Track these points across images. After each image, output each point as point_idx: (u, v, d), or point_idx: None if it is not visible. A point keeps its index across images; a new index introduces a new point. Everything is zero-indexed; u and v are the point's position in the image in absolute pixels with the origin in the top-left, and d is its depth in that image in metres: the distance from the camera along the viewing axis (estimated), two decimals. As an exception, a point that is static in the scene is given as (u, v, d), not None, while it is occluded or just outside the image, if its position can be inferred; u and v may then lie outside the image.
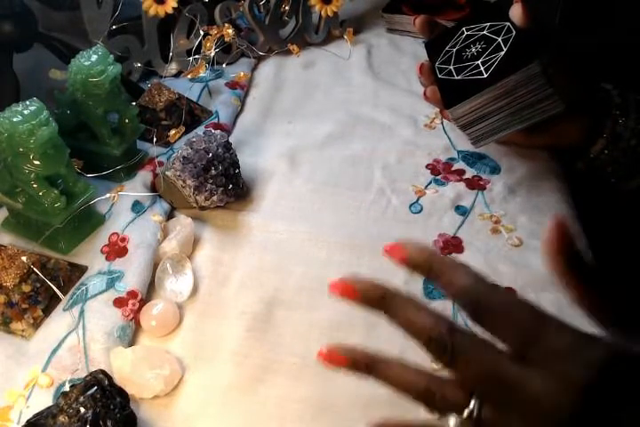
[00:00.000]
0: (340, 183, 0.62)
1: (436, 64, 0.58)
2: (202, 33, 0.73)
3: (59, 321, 0.48)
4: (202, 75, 0.73)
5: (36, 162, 0.48)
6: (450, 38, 0.59)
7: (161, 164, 0.61)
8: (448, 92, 0.55)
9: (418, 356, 0.47)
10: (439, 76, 0.56)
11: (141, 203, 0.57)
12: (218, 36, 0.73)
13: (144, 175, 0.60)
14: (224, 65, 0.76)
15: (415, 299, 0.33)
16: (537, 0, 0.56)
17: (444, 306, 0.50)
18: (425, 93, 0.59)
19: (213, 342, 0.48)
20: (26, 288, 0.48)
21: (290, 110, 0.72)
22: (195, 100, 0.70)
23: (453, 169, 0.63)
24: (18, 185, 0.51)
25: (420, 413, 0.43)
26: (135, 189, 0.58)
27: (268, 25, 0.78)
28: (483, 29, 0.56)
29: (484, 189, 0.60)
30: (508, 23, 0.54)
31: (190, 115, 0.67)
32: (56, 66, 0.64)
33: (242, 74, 0.75)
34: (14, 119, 0.46)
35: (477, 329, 0.32)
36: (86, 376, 0.41)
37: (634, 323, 0.31)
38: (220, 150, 0.56)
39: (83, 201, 0.52)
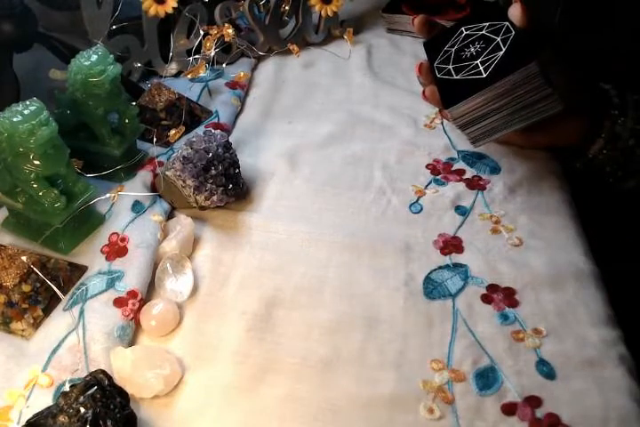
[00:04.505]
0: (340, 183, 0.62)
1: (435, 64, 0.58)
2: (202, 33, 0.73)
3: (59, 321, 0.48)
4: (202, 75, 0.73)
5: (36, 162, 0.48)
6: (449, 38, 0.59)
7: (161, 164, 0.61)
8: (447, 92, 0.55)
9: (417, 356, 0.47)
10: (438, 76, 0.56)
11: (141, 203, 0.57)
12: (218, 36, 0.73)
13: (144, 175, 0.60)
14: (224, 65, 0.76)
15: None
16: (536, 0, 0.56)
17: (445, 306, 0.50)
18: (424, 93, 0.59)
19: (213, 342, 0.48)
20: (26, 288, 0.48)
21: (290, 110, 0.72)
22: (195, 100, 0.70)
23: (453, 169, 0.63)
24: (18, 185, 0.51)
25: (420, 413, 0.43)
26: (135, 189, 0.58)
27: (268, 25, 0.78)
28: (482, 29, 0.56)
29: (484, 189, 0.60)
30: (507, 23, 0.54)
31: (190, 115, 0.67)
32: (56, 66, 0.64)
33: (242, 74, 0.75)
34: (14, 119, 0.46)
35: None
36: (86, 376, 0.41)
37: None
38: (219, 150, 0.56)
39: (83, 201, 0.52)
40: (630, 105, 0.55)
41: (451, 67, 0.56)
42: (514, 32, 0.53)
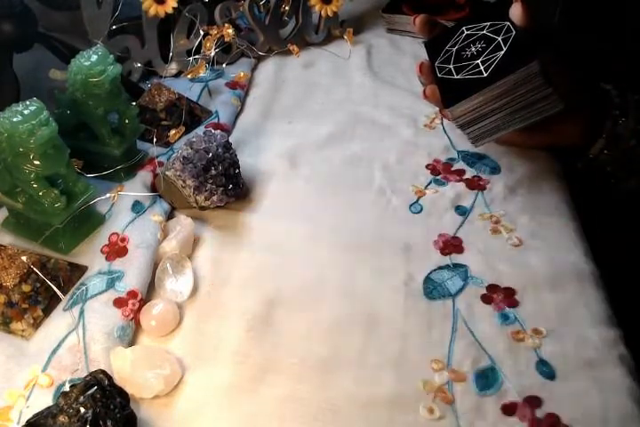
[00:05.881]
0: (340, 183, 0.62)
1: (436, 63, 0.58)
2: (202, 33, 0.73)
3: (59, 321, 0.48)
4: (202, 75, 0.73)
5: (36, 162, 0.48)
6: (450, 38, 0.59)
7: (161, 164, 0.61)
8: (448, 92, 0.55)
9: (417, 356, 0.47)
10: (439, 76, 0.56)
11: (141, 203, 0.57)
12: (218, 36, 0.73)
13: (144, 175, 0.60)
14: (224, 65, 0.76)
15: None
16: (536, 0, 0.56)
17: (445, 306, 0.50)
18: (424, 92, 0.59)
19: (213, 342, 0.48)
20: (26, 288, 0.48)
21: (290, 110, 0.72)
22: (195, 100, 0.70)
23: (453, 169, 0.63)
24: (18, 185, 0.51)
25: (420, 413, 0.43)
26: (135, 189, 0.58)
27: (268, 25, 0.78)
28: (482, 29, 0.56)
29: (484, 189, 0.60)
30: (507, 23, 0.54)
31: (190, 115, 0.67)
32: (56, 66, 0.64)
33: (242, 74, 0.75)
34: (14, 119, 0.46)
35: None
36: (86, 376, 0.41)
37: None
38: (219, 150, 0.56)
39: (83, 201, 0.52)
40: (631, 105, 0.55)
41: (451, 66, 0.56)
42: (514, 32, 0.53)
